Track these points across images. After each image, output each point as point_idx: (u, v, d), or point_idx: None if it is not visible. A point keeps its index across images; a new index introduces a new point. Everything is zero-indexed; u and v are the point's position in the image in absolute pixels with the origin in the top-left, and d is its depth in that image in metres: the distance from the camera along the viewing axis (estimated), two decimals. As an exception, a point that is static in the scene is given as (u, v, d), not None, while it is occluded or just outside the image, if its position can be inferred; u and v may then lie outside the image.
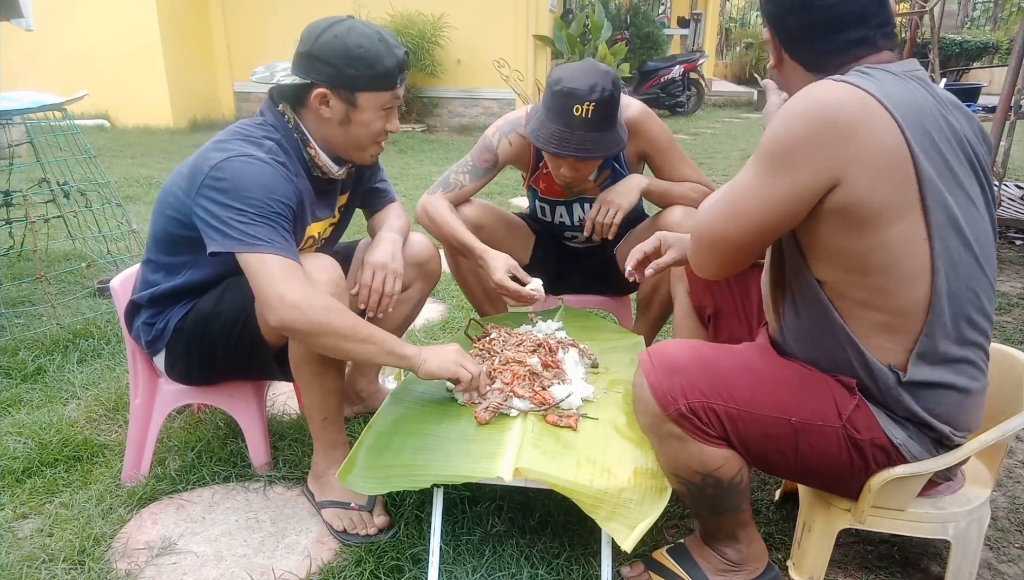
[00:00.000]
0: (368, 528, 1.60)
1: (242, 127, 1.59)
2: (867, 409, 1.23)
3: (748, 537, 1.41)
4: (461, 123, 9.47)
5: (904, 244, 1.13)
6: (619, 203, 2.03)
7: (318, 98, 1.56)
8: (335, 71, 1.53)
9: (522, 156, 2.16)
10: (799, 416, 1.23)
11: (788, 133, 1.12)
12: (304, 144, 1.62)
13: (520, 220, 2.35)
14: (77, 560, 1.52)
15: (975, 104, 4.08)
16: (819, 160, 1.09)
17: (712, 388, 1.24)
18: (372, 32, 1.56)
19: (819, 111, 1.10)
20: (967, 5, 20.86)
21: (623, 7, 11.21)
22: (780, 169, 1.13)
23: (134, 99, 8.93)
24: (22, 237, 3.29)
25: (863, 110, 1.09)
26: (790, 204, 1.14)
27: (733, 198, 1.21)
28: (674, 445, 1.28)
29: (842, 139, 1.08)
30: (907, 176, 1.10)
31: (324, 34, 1.54)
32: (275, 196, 1.48)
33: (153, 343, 1.69)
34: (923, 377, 1.19)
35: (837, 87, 1.11)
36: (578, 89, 1.83)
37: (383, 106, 1.59)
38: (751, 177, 1.18)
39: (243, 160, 1.49)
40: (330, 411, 1.65)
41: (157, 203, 1.64)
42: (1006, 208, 4.09)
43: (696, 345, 1.31)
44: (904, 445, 1.23)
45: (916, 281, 1.15)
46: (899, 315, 1.17)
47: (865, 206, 1.11)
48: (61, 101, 3.07)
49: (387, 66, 1.54)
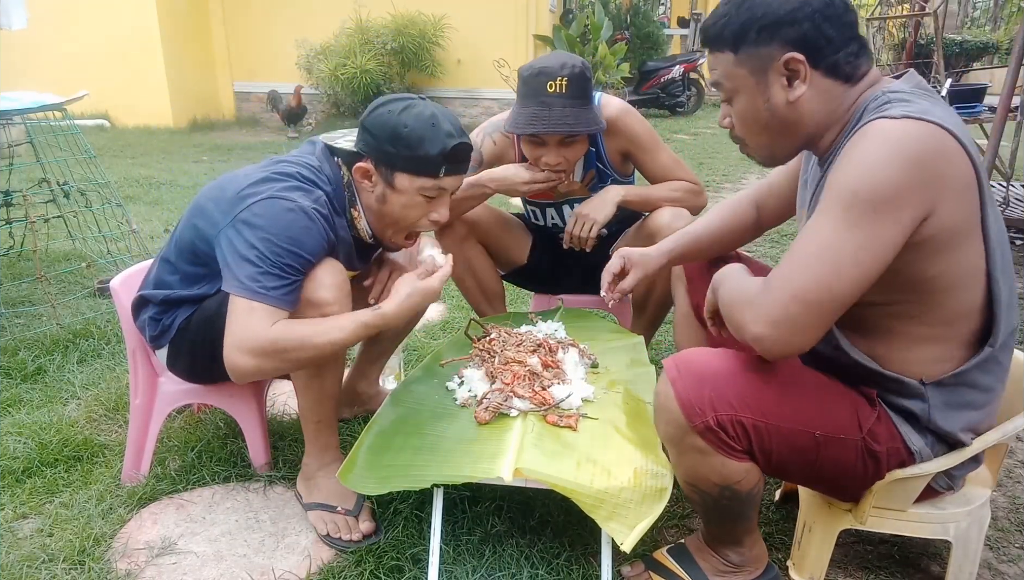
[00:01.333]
0: (352, 533, 1.58)
1: (301, 166, 1.56)
2: (887, 418, 1.23)
3: (752, 541, 1.40)
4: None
5: (967, 260, 1.14)
6: (594, 217, 2.03)
7: (359, 171, 1.56)
8: (378, 145, 1.52)
9: (506, 155, 2.16)
10: (823, 430, 1.21)
11: (885, 181, 1.06)
12: (351, 205, 1.61)
13: (517, 220, 2.36)
14: (77, 560, 1.52)
15: (981, 104, 4.06)
16: (917, 200, 1.07)
17: (741, 400, 1.19)
18: (427, 114, 1.51)
19: (906, 154, 1.06)
20: (967, 5, 20.86)
21: (623, 7, 11.20)
22: (883, 217, 1.07)
23: (134, 99, 8.94)
24: (22, 237, 3.29)
25: (939, 142, 1.07)
26: (896, 247, 1.09)
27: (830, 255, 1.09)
28: (695, 458, 1.24)
29: (932, 176, 1.07)
30: (975, 197, 1.11)
31: (380, 107, 1.54)
32: (297, 248, 1.45)
33: (158, 338, 1.69)
34: (965, 379, 1.20)
35: (907, 124, 1.08)
36: (548, 66, 1.87)
37: (421, 192, 1.55)
38: (845, 230, 1.08)
39: (286, 204, 1.47)
40: (324, 414, 1.65)
41: (191, 208, 1.61)
42: (1013, 208, 4.09)
43: (722, 354, 1.26)
44: (919, 452, 1.23)
45: (971, 293, 1.16)
46: (944, 325, 1.18)
47: (946, 233, 1.10)
48: (61, 101, 3.07)
49: (429, 152, 1.50)
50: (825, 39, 1.16)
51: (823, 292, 1.09)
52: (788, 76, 1.18)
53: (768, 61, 1.18)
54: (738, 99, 1.24)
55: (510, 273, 2.38)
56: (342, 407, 2.08)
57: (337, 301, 1.50)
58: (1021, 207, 4.27)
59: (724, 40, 1.20)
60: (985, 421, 1.26)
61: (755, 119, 1.25)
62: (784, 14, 1.15)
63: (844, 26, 1.16)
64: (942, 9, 4.23)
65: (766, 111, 1.22)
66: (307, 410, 1.64)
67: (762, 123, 1.24)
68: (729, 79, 1.23)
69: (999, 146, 3.45)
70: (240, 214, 1.46)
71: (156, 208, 4.93)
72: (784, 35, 1.16)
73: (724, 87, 1.25)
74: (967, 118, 3.93)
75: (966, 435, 1.24)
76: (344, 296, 1.53)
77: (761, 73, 1.19)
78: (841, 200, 1.09)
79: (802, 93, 1.19)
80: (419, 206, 1.58)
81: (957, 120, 1.13)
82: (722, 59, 1.22)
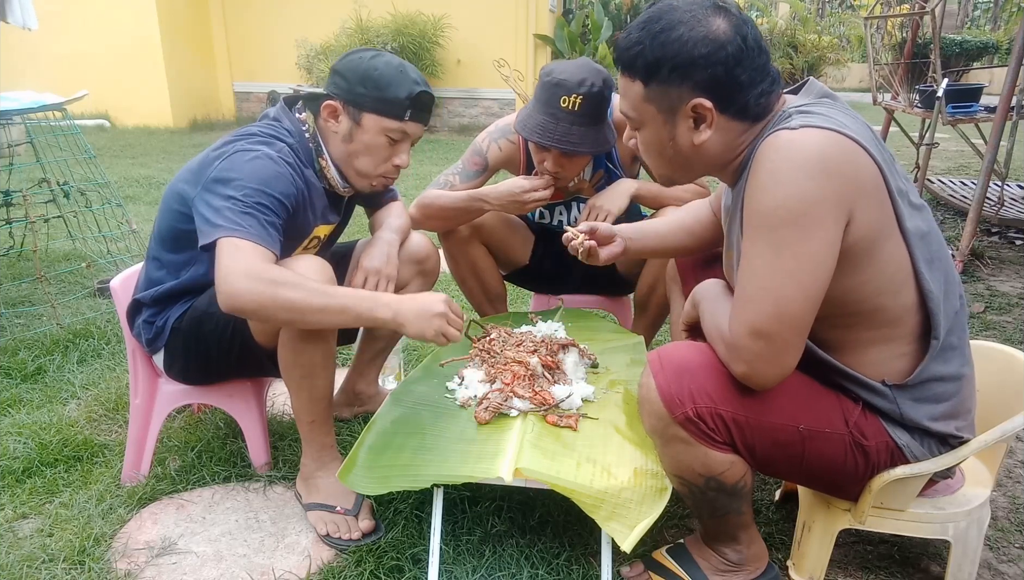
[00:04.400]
0: (352, 533, 1.59)
1: (254, 129, 1.61)
2: (871, 415, 1.24)
3: (749, 538, 1.41)
4: (461, 123, 9.48)
5: (891, 262, 1.15)
6: (608, 208, 2.03)
7: (327, 109, 1.61)
8: (348, 86, 1.58)
9: (512, 161, 2.16)
10: (807, 423, 1.22)
11: (798, 195, 1.07)
12: (318, 155, 1.65)
13: (520, 220, 2.36)
14: (77, 560, 1.53)
15: (976, 104, 4.07)
16: (834, 206, 1.08)
17: (721, 394, 1.21)
18: (396, 62, 1.60)
19: (814, 164, 1.07)
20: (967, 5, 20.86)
21: (623, 7, 11.21)
22: (808, 231, 1.08)
23: (134, 99, 8.94)
24: (22, 237, 3.29)
25: (840, 149, 1.08)
26: (833, 255, 1.10)
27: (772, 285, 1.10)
28: (678, 448, 1.26)
29: (843, 181, 1.08)
30: (885, 197, 1.13)
31: (352, 55, 1.61)
32: (268, 189, 1.48)
33: (153, 342, 1.69)
34: (925, 376, 1.21)
35: (807, 134, 1.08)
36: (567, 81, 1.85)
37: (386, 132, 1.60)
38: (775, 257, 1.10)
39: (249, 155, 1.51)
40: (318, 414, 1.65)
41: (162, 201, 1.65)
42: (1008, 208, 4.09)
43: (705, 348, 1.28)
44: (907, 447, 1.24)
45: (902, 291, 1.17)
46: (888, 326, 1.20)
47: (866, 240, 1.12)
48: (61, 101, 3.07)
49: (397, 94, 1.57)
50: (736, 84, 1.16)
51: (777, 323, 1.11)
52: (695, 119, 1.19)
53: (677, 102, 1.18)
54: (644, 131, 1.26)
55: (512, 273, 2.38)
56: (342, 407, 2.09)
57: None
58: (1017, 207, 4.27)
59: (636, 69, 1.19)
60: (962, 404, 1.27)
61: (659, 152, 1.27)
62: (697, 56, 1.13)
63: (755, 69, 1.16)
64: (940, 8, 4.22)
65: (670, 148, 1.24)
66: (300, 410, 1.64)
67: (666, 157, 1.27)
68: (637, 111, 1.23)
69: (999, 146, 3.45)
70: (210, 175, 1.50)
71: (156, 208, 4.90)
72: (695, 77, 1.15)
73: (631, 117, 1.26)
74: (964, 118, 3.93)
75: (946, 424, 1.25)
76: None
77: (669, 112, 1.20)
78: (762, 225, 1.11)
79: (707, 137, 1.20)
80: (383, 148, 1.63)
81: (856, 122, 1.15)
82: (632, 88, 1.21)
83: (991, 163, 3.41)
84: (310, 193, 1.64)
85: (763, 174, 1.10)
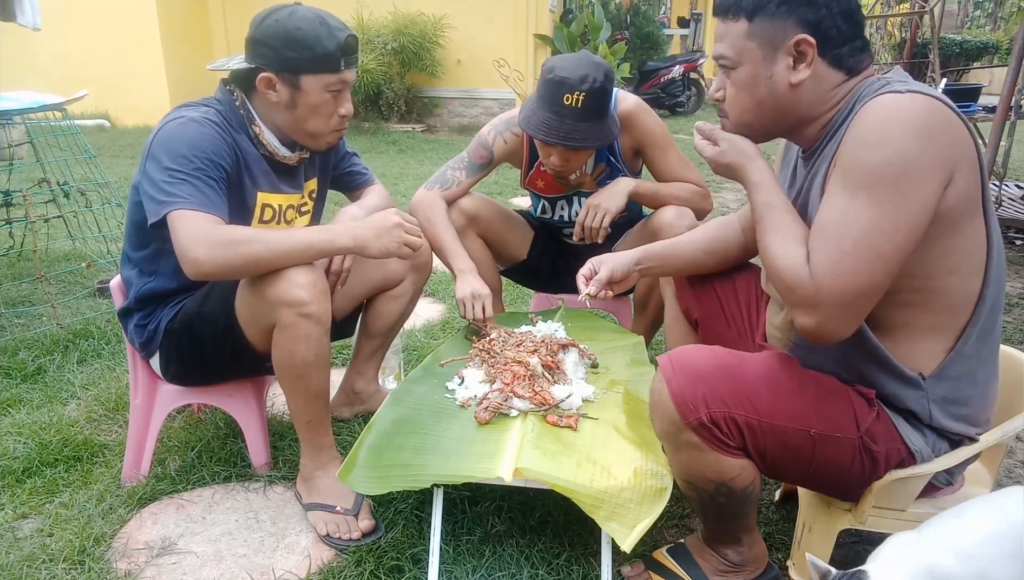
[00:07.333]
0: (352, 532, 1.59)
1: (184, 104, 1.64)
2: (886, 418, 1.23)
3: (751, 540, 1.40)
4: (461, 123, 9.47)
5: (969, 241, 1.14)
6: (606, 207, 2.04)
7: (263, 82, 1.60)
8: (276, 54, 1.57)
9: (516, 153, 2.17)
10: (818, 427, 1.21)
11: (904, 153, 1.06)
12: (250, 122, 1.65)
13: (519, 216, 2.36)
14: (77, 560, 1.52)
15: (975, 104, 4.07)
16: (938, 169, 1.07)
17: (734, 398, 1.20)
18: (313, 15, 1.57)
19: (920, 124, 1.07)
20: (967, 5, 20.87)
21: (623, 7, 11.21)
22: (909, 191, 1.06)
23: (134, 99, 8.93)
24: (22, 237, 3.29)
25: (946, 117, 1.08)
26: (926, 221, 1.09)
27: (869, 242, 1.08)
28: (690, 454, 1.25)
29: (946, 145, 1.08)
30: (978, 177, 1.13)
31: (266, 19, 1.58)
32: (199, 151, 1.51)
33: (147, 345, 1.69)
34: (962, 373, 1.20)
35: (915, 99, 1.08)
36: (569, 78, 1.85)
37: (328, 88, 1.61)
38: (873, 212, 1.07)
39: (175, 123, 1.54)
40: (315, 414, 1.64)
41: (130, 193, 1.66)
42: (1006, 208, 4.09)
43: (717, 351, 1.27)
44: (920, 452, 1.23)
45: (972, 278, 1.17)
46: (945, 313, 1.18)
47: (954, 209, 1.10)
48: (61, 101, 3.07)
49: (327, 48, 1.56)
50: (837, 29, 1.17)
51: (868, 281, 1.09)
52: (795, 57, 1.19)
53: (781, 37, 1.18)
54: (740, 70, 1.23)
55: (510, 269, 2.38)
56: (341, 407, 2.09)
57: (313, 299, 1.50)
58: (1015, 207, 4.27)
59: (741, 7, 1.20)
60: (983, 414, 1.26)
61: (751, 93, 1.24)
62: None
63: (855, 23, 1.18)
64: (939, 8, 4.22)
65: (765, 88, 1.22)
66: (296, 411, 1.64)
67: (757, 98, 1.24)
68: (736, 49, 1.22)
69: (999, 146, 3.45)
70: (146, 154, 1.54)
71: (156, 208, 4.92)
72: (802, 14, 1.16)
73: (729, 57, 1.23)
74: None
75: (967, 428, 1.24)
76: (320, 294, 1.52)
77: (770, 48, 1.19)
78: (864, 181, 1.08)
79: (805, 77, 1.19)
80: (328, 104, 1.63)
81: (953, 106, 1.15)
82: (734, 28, 1.21)
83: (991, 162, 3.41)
84: (245, 157, 1.64)
85: (869, 132, 1.09)
